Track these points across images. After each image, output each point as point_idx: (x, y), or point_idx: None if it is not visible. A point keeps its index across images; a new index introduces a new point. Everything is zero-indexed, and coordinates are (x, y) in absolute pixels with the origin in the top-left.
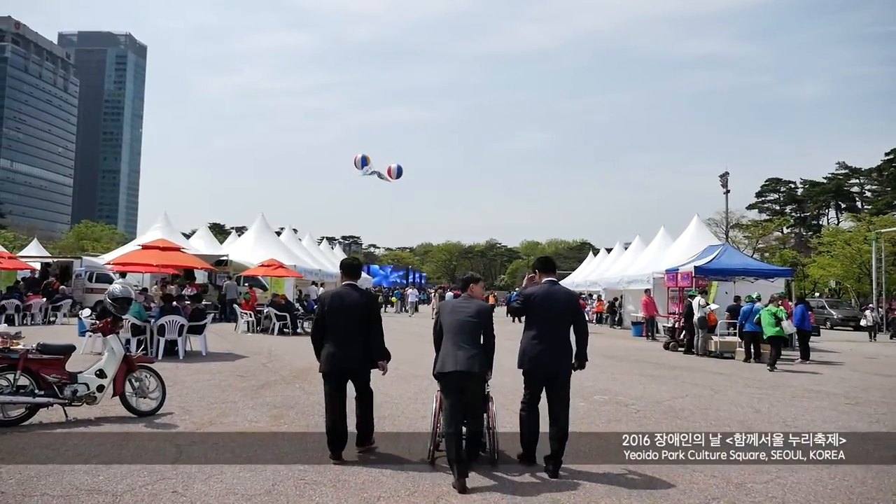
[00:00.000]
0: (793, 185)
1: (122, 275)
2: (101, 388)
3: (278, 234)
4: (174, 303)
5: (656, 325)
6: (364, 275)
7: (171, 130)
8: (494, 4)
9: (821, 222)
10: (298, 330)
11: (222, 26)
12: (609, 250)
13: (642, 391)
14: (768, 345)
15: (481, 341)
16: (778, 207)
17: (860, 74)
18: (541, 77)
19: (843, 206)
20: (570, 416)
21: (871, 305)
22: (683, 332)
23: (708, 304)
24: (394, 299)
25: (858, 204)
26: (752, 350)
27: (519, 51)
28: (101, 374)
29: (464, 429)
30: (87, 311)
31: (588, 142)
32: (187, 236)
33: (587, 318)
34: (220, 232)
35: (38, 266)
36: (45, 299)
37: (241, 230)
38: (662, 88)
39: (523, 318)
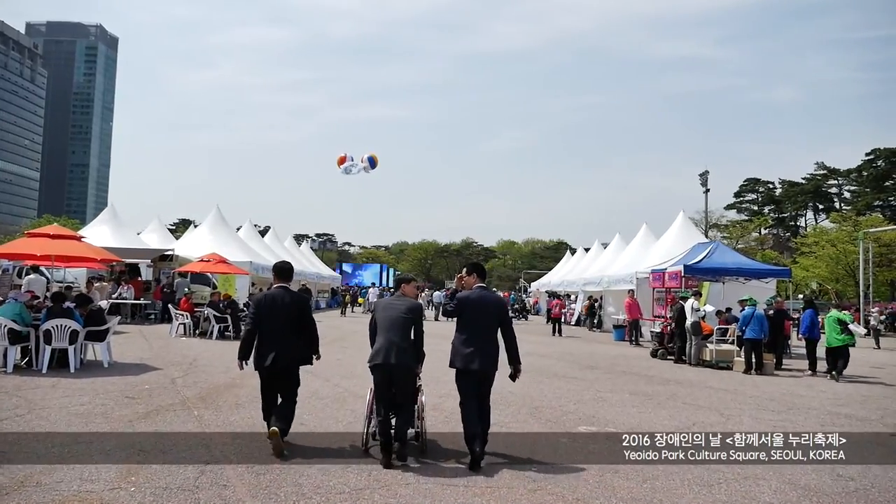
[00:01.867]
0: (771, 186)
1: (35, 268)
2: None
3: (238, 229)
4: (66, 303)
5: (640, 329)
6: (335, 273)
7: (143, 125)
8: (474, 3)
9: (799, 223)
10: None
11: (197, 20)
12: (587, 250)
13: (638, 418)
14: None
15: (412, 336)
16: (756, 208)
17: (833, 80)
18: (519, 77)
19: (822, 206)
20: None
21: (873, 309)
22: (673, 338)
23: (702, 308)
24: (361, 299)
25: (837, 205)
26: (754, 360)
27: (498, 50)
28: None
29: (394, 419)
30: None
31: (566, 142)
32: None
33: (565, 321)
34: (188, 227)
35: None
36: None
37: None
38: (640, 90)
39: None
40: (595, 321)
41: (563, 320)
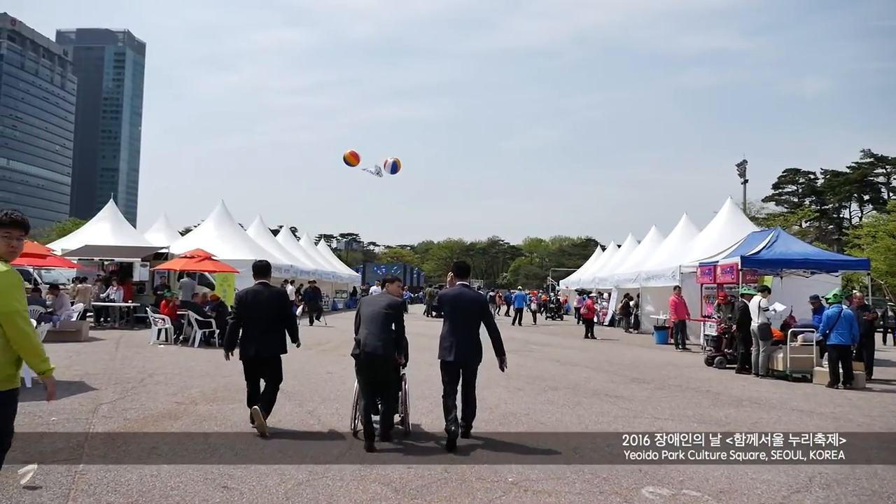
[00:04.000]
0: (812, 176)
1: None
2: None
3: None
4: None
5: (686, 330)
6: (352, 272)
7: (170, 128)
8: (495, 0)
9: (842, 215)
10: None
11: (220, 24)
12: (619, 246)
13: (728, 472)
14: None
15: (392, 329)
16: (796, 200)
17: (867, 69)
18: (541, 73)
19: (867, 197)
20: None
21: None
22: (733, 342)
23: (771, 307)
24: None
25: (885, 195)
26: (841, 371)
27: (521, 47)
28: None
29: (380, 406)
30: None
31: (592, 138)
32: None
33: (598, 321)
34: None
35: None
36: None
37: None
38: (666, 84)
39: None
40: (631, 321)
41: (595, 321)
